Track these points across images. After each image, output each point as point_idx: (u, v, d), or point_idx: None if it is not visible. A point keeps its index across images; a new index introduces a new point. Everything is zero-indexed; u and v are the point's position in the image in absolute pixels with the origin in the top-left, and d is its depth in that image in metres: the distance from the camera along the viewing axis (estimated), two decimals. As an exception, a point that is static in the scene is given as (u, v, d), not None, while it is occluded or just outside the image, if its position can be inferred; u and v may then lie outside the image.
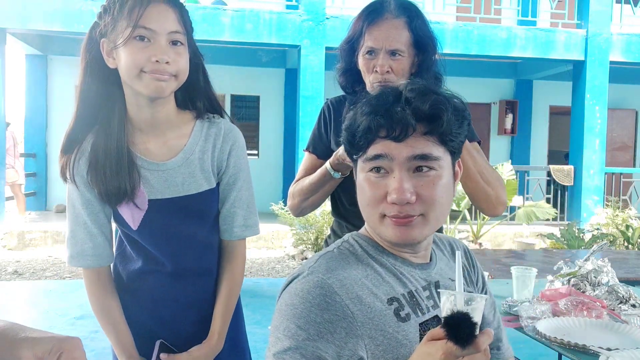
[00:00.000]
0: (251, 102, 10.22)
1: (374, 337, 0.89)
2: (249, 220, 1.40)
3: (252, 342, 1.59)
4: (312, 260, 0.97)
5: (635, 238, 7.03)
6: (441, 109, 0.92)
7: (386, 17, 1.53)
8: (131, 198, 1.26)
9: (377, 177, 0.94)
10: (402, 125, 0.91)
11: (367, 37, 1.53)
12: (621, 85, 10.20)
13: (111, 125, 1.26)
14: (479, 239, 7.66)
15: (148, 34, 1.19)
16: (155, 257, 1.35)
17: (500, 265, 3.14)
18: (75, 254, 1.31)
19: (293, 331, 0.86)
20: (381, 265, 0.97)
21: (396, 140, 0.92)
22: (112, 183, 1.24)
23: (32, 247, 7.53)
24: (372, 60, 1.53)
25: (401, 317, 0.92)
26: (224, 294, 1.38)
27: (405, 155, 0.92)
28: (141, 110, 1.26)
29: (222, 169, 1.35)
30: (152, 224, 1.30)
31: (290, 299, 0.90)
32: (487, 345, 0.78)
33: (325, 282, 0.90)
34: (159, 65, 1.19)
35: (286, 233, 7.78)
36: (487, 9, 9.31)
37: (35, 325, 3.61)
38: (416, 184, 0.92)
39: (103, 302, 1.34)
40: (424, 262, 1.03)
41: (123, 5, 1.19)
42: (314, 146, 1.71)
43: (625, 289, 1.94)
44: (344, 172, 1.55)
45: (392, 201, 0.92)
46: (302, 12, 8.16)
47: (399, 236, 0.94)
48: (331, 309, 0.87)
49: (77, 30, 7.80)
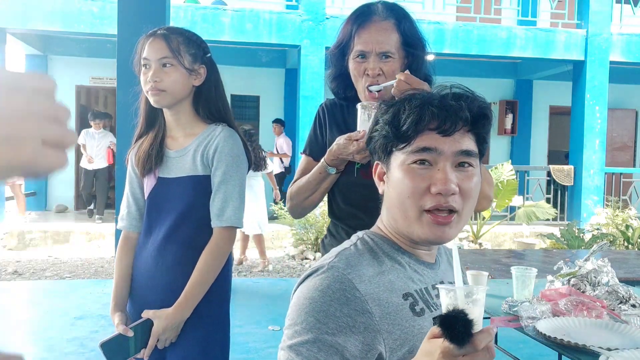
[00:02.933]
0: (251, 102, 10.22)
1: (391, 332, 0.90)
2: (225, 212, 1.62)
3: (252, 342, 1.60)
4: (330, 255, 0.97)
5: (635, 238, 7.03)
6: (488, 110, 0.98)
7: (374, 20, 1.55)
8: (150, 171, 1.70)
9: (421, 169, 0.95)
10: (454, 119, 0.94)
11: (357, 41, 1.54)
12: (621, 85, 10.20)
13: (157, 124, 1.75)
14: (479, 238, 7.66)
15: (147, 62, 1.64)
16: (151, 227, 1.69)
17: (500, 265, 3.14)
18: (119, 217, 1.78)
19: (312, 324, 0.87)
20: (396, 263, 0.99)
21: (444, 134, 0.95)
22: (144, 156, 1.71)
23: (32, 247, 7.53)
24: (363, 63, 1.55)
25: (416, 311, 0.95)
26: (193, 275, 1.60)
27: (453, 149, 0.95)
28: (167, 116, 1.72)
29: (210, 164, 1.65)
30: (157, 194, 1.69)
31: (310, 293, 0.90)
32: (491, 344, 0.78)
33: (346, 277, 0.91)
34: (152, 84, 1.61)
35: (286, 233, 7.78)
36: (487, 9, 9.31)
37: (35, 325, 3.59)
38: (457, 177, 0.95)
39: (119, 259, 1.73)
40: (432, 262, 1.05)
41: (139, 47, 1.68)
42: (310, 148, 1.73)
43: (625, 289, 1.94)
44: (339, 167, 1.57)
45: (438, 191, 0.93)
46: (302, 12, 8.16)
47: (436, 235, 0.95)
48: (351, 304, 0.88)
49: (77, 30, 7.81)
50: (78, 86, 9.80)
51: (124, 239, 1.75)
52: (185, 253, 1.64)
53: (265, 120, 10.16)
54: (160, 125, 1.73)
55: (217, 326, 1.68)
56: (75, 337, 3.63)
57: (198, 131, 1.69)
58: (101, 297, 4.72)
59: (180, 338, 1.61)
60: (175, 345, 1.62)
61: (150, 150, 1.69)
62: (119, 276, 1.72)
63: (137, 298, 1.70)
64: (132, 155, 1.76)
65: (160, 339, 1.58)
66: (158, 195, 1.69)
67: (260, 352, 3.34)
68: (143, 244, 1.71)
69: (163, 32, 1.65)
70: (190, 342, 1.62)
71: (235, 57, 9.23)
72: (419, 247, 1.02)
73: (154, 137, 1.71)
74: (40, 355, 3.40)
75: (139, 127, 1.76)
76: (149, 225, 1.71)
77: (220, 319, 1.69)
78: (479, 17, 8.73)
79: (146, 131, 1.75)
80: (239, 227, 1.65)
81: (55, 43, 9.32)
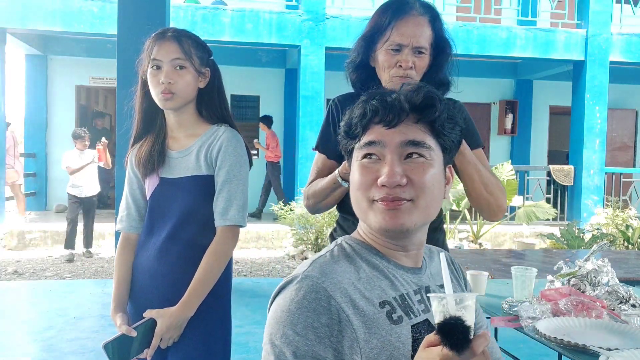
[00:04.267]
0: (251, 102, 10.22)
1: (368, 340, 0.88)
2: (229, 211, 1.63)
3: (252, 342, 1.61)
4: (305, 265, 0.96)
5: (635, 238, 7.03)
6: (434, 99, 0.97)
7: (413, 14, 1.55)
8: (153, 171, 1.70)
9: (369, 162, 0.97)
10: (395, 110, 0.96)
11: (395, 33, 1.53)
12: (621, 85, 10.20)
13: (157, 125, 1.75)
14: (479, 238, 7.66)
15: (158, 63, 1.63)
16: (153, 227, 1.70)
17: (500, 265, 3.15)
18: (118, 219, 1.79)
19: (291, 337, 0.86)
20: (374, 268, 0.97)
21: (389, 126, 0.96)
22: (145, 157, 1.71)
23: (32, 247, 7.53)
24: (396, 55, 1.54)
25: (393, 319, 0.92)
26: (197, 274, 1.61)
27: (398, 140, 0.95)
28: (169, 117, 1.72)
29: (213, 164, 1.66)
30: (160, 195, 1.70)
31: (286, 305, 0.89)
32: (486, 348, 0.78)
33: (320, 286, 0.89)
34: (164, 86, 1.61)
35: (286, 233, 7.78)
36: (487, 9, 9.31)
37: (35, 325, 3.60)
38: (406, 168, 0.95)
39: (118, 261, 1.73)
40: (416, 267, 1.03)
41: (146, 48, 1.68)
42: (323, 146, 1.71)
43: (625, 289, 1.94)
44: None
45: (382, 183, 0.93)
46: (302, 12, 8.16)
47: (388, 221, 0.94)
48: (327, 313, 0.87)
49: (77, 30, 7.81)
50: (78, 86, 9.80)
51: (123, 241, 1.75)
52: (189, 252, 1.64)
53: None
54: (161, 126, 1.73)
55: (219, 324, 1.68)
56: (75, 337, 3.62)
57: (200, 132, 1.70)
58: (101, 297, 4.72)
59: (182, 337, 1.61)
60: (177, 345, 1.62)
61: (152, 151, 1.69)
62: (119, 277, 1.72)
63: (138, 298, 1.70)
64: (132, 156, 1.76)
65: (164, 338, 1.58)
66: (161, 195, 1.70)
67: (260, 352, 3.34)
68: (144, 244, 1.71)
69: (174, 34, 1.65)
70: (192, 341, 1.62)
71: (235, 57, 9.23)
72: (397, 249, 1.00)
73: (155, 138, 1.71)
74: (40, 355, 3.40)
75: (135, 127, 1.76)
76: (150, 225, 1.71)
77: (222, 317, 1.69)
78: (479, 17, 8.73)
79: (144, 132, 1.74)
80: (242, 226, 1.66)
81: (55, 43, 9.32)
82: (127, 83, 1.85)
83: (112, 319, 1.68)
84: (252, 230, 7.87)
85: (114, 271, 1.75)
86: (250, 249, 7.75)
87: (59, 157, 9.63)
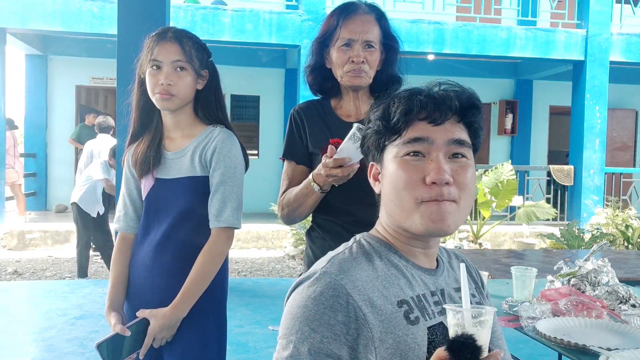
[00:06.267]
0: (251, 102, 10.22)
1: (383, 340, 0.88)
2: (223, 212, 1.63)
3: (252, 342, 1.61)
4: (323, 261, 0.95)
5: (635, 238, 7.03)
6: (477, 100, 0.98)
7: (359, 13, 1.67)
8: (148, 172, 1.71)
9: (414, 160, 0.94)
10: (444, 107, 0.94)
11: (343, 30, 1.64)
12: (621, 85, 10.20)
13: (154, 124, 1.74)
14: (479, 238, 7.66)
15: (158, 63, 1.62)
16: (149, 227, 1.70)
17: (500, 265, 3.14)
18: (115, 218, 1.79)
19: (307, 334, 0.85)
20: (392, 266, 0.96)
21: (435, 123, 0.94)
22: (142, 157, 1.71)
23: (32, 247, 7.53)
24: (348, 51, 1.64)
25: (410, 320, 0.91)
26: (190, 275, 1.61)
27: (444, 139, 0.94)
28: (166, 118, 1.72)
29: (208, 165, 1.67)
30: (155, 195, 1.70)
31: (303, 301, 0.88)
32: None
33: (339, 283, 0.89)
34: (162, 87, 1.61)
35: (286, 233, 7.78)
36: (487, 9, 9.31)
37: (35, 325, 3.59)
38: (452, 168, 0.94)
39: (115, 260, 1.73)
40: (432, 268, 1.02)
41: (146, 47, 1.67)
42: (291, 153, 1.75)
43: (625, 289, 1.94)
44: (325, 188, 1.57)
45: (432, 180, 0.91)
46: (302, 12, 8.16)
47: (436, 222, 0.92)
48: (344, 311, 0.86)
49: (77, 30, 7.80)
50: (78, 86, 9.80)
51: (120, 240, 1.76)
52: (183, 253, 1.64)
53: (265, 120, 10.17)
54: (157, 126, 1.73)
55: (214, 325, 1.68)
56: (75, 337, 3.62)
57: (196, 132, 1.70)
58: (101, 297, 4.72)
59: (178, 337, 1.62)
60: (173, 344, 1.62)
61: (148, 151, 1.70)
62: (115, 277, 1.72)
63: (134, 298, 1.70)
64: (129, 156, 1.77)
65: (156, 338, 1.59)
66: (156, 196, 1.70)
67: (260, 352, 3.34)
68: (140, 244, 1.71)
69: (175, 35, 1.65)
70: (187, 341, 1.62)
71: (235, 57, 9.23)
72: (417, 250, 0.99)
73: (151, 138, 1.71)
74: (40, 355, 3.40)
75: (132, 125, 1.76)
76: (146, 225, 1.71)
77: (217, 318, 1.70)
78: (479, 17, 8.73)
79: (141, 130, 1.75)
80: (237, 227, 1.66)
81: (55, 43, 9.32)
82: (127, 83, 1.84)
83: (106, 318, 1.68)
84: (252, 230, 7.88)
85: (111, 270, 1.76)
86: (250, 249, 7.76)
87: (59, 157, 9.66)
